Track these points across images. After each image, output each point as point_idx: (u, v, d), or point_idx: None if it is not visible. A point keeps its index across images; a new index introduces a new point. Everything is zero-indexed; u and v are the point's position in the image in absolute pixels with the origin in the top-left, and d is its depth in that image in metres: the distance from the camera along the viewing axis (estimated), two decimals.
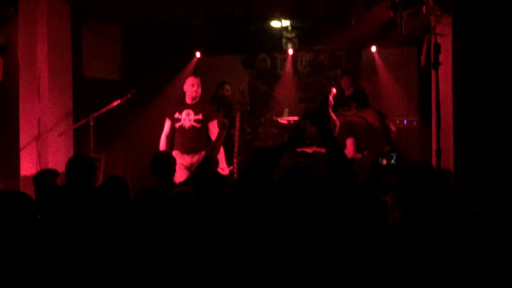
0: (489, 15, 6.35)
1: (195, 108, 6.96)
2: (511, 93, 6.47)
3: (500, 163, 6.18)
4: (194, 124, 6.87)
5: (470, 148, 6.44)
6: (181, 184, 4.93)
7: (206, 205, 3.82)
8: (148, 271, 3.19)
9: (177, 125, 6.93)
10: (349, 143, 6.97)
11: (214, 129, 6.85)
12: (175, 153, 6.74)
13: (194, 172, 5.41)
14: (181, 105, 7.03)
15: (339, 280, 3.05)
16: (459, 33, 6.44)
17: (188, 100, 7.02)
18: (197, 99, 7.00)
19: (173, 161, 5.27)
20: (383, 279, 2.98)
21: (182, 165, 6.71)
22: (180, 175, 6.14)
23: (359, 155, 6.96)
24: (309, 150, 7.48)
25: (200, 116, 6.92)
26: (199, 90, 6.99)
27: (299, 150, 7.61)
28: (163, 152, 5.43)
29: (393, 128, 7.16)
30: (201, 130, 6.89)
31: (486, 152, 6.29)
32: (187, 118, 6.88)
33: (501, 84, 6.44)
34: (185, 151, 6.81)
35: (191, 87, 6.96)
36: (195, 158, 6.84)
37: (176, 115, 6.96)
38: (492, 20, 6.35)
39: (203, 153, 6.64)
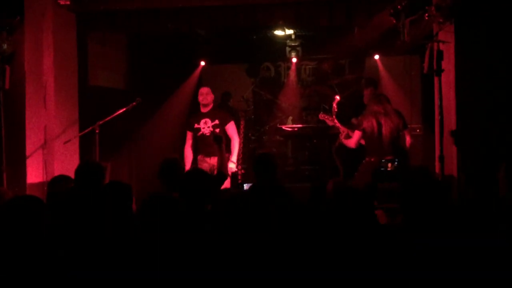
0: (491, 22, 6.40)
1: (211, 115, 7.47)
2: None
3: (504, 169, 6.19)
4: (213, 129, 7.38)
5: (474, 154, 6.47)
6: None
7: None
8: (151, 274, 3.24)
9: (198, 134, 7.44)
10: (356, 134, 7.01)
11: (230, 131, 7.47)
12: (200, 157, 7.47)
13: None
14: (198, 116, 7.52)
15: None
16: (462, 39, 6.48)
17: (202, 109, 7.50)
18: (210, 106, 7.48)
19: (180, 168, 5.36)
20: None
21: (207, 165, 7.31)
22: None
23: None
24: (330, 122, 7.57)
25: (217, 122, 7.42)
26: (209, 98, 7.46)
27: (321, 118, 7.76)
28: (171, 157, 5.54)
29: (408, 140, 7.11)
30: (220, 134, 7.27)
31: (490, 158, 6.32)
32: (205, 126, 7.40)
33: (504, 90, 6.48)
34: (209, 154, 7.34)
35: (200, 97, 7.49)
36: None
37: (196, 125, 7.47)
38: (494, 26, 6.39)
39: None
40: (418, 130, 9.07)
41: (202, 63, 10.33)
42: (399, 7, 6.27)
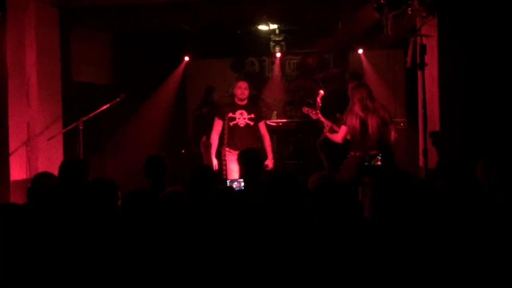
0: (474, 16, 6.44)
1: (247, 108, 7.57)
2: (497, 92, 6.56)
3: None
4: (249, 122, 7.48)
5: (457, 148, 6.52)
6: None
7: (199, 204, 3.87)
8: (140, 269, 3.23)
9: (231, 123, 7.44)
10: (343, 129, 6.98)
11: (263, 128, 7.63)
12: (227, 149, 7.33)
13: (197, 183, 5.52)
14: (233, 106, 7.55)
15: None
16: (444, 34, 6.53)
17: (238, 102, 7.55)
18: (246, 100, 7.55)
19: (166, 164, 5.34)
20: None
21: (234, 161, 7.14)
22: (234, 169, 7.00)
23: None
24: (314, 116, 7.60)
25: (253, 115, 7.52)
26: (246, 92, 7.55)
27: (305, 111, 7.82)
28: (156, 155, 5.52)
29: (393, 134, 7.09)
30: (254, 128, 7.53)
31: (473, 151, 6.37)
32: (241, 117, 7.46)
33: (487, 83, 6.53)
34: (238, 147, 7.14)
35: (238, 90, 7.55)
36: None
37: (230, 114, 7.47)
38: (476, 20, 6.44)
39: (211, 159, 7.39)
40: (402, 124, 9.07)
41: (186, 58, 10.29)
42: (382, 1, 6.28)
